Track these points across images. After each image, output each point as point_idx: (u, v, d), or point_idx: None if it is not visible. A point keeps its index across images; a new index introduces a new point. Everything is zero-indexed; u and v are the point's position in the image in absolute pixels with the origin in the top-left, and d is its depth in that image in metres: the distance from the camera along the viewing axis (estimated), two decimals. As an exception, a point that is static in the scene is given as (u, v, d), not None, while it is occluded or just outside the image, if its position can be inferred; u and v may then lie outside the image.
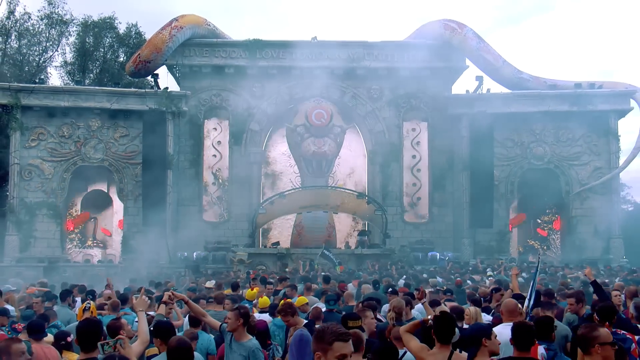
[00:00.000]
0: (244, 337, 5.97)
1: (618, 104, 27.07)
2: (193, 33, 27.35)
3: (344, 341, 3.30)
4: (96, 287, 12.63)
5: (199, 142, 27.97)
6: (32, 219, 25.65)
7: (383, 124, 28.18)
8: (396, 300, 7.50)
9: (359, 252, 24.85)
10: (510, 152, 27.33)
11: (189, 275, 19.30)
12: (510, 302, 6.53)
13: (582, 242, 26.58)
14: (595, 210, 26.76)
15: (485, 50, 27.63)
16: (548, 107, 26.59)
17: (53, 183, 26.00)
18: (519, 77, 27.87)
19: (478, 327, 5.15)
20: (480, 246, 26.88)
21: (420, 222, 28.21)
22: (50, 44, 35.08)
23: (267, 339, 7.15)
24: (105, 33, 36.88)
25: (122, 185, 26.52)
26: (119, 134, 26.55)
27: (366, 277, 15.34)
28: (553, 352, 5.47)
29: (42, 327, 6.24)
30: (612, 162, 27.07)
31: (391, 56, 28.15)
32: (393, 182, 28.21)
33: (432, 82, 27.90)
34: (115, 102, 26.22)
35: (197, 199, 27.61)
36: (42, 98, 25.99)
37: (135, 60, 27.26)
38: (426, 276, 15.88)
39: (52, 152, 26.11)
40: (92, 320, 5.32)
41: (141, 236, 25.88)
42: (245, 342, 5.92)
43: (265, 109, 28.07)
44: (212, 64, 27.81)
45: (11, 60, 33.59)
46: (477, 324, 5.92)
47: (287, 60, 27.92)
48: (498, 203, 27.04)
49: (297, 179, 28.78)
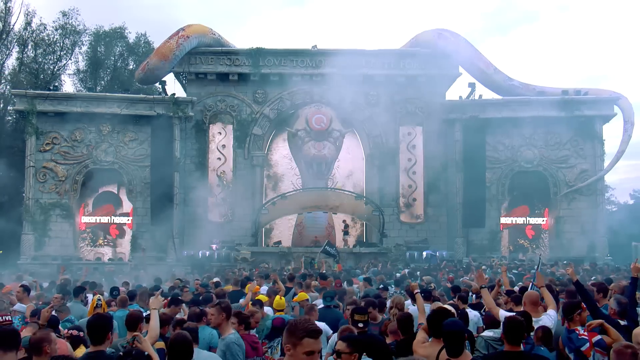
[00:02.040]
0: (225, 332, 5.74)
1: (603, 110, 27.17)
2: (199, 42, 27.38)
3: (314, 338, 3.23)
4: (107, 284, 12.72)
5: (204, 146, 28.00)
6: (46, 219, 25.75)
7: (380, 128, 28.19)
8: (397, 297, 7.58)
9: (357, 251, 24.92)
10: (501, 155, 27.35)
11: (195, 273, 19.30)
12: (532, 294, 6.59)
13: (569, 241, 26.65)
14: (581, 211, 26.86)
15: (477, 58, 27.70)
16: (537, 112, 26.62)
17: (66, 185, 26.07)
18: (509, 84, 27.91)
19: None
20: (473, 245, 26.90)
21: (416, 222, 28.21)
22: (64, 53, 35.25)
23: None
24: (116, 42, 37.01)
25: (132, 187, 26.58)
26: (128, 138, 26.61)
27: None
28: (530, 345, 5.53)
29: (56, 323, 6.30)
30: (597, 165, 27.13)
31: (388, 64, 28.16)
32: (390, 183, 28.21)
33: (427, 88, 27.90)
34: (125, 108, 26.29)
35: (202, 200, 27.58)
36: (56, 104, 26.10)
37: (144, 68, 27.29)
38: (419, 273, 15.91)
39: (65, 155, 26.19)
40: (103, 315, 5.38)
41: (149, 235, 25.96)
42: (224, 337, 5.69)
43: (267, 114, 28.12)
44: (217, 72, 27.84)
45: (27, 69, 33.71)
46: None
47: (288, 67, 27.97)
48: (490, 204, 27.07)
49: (298, 181, 28.81)
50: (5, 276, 15.89)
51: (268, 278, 13.06)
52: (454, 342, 4.36)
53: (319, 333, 3.28)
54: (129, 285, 11.99)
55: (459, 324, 4.74)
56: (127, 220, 27.46)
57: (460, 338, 4.44)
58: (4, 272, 17.90)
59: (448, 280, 13.33)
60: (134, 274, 18.42)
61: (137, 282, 14.09)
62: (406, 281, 13.13)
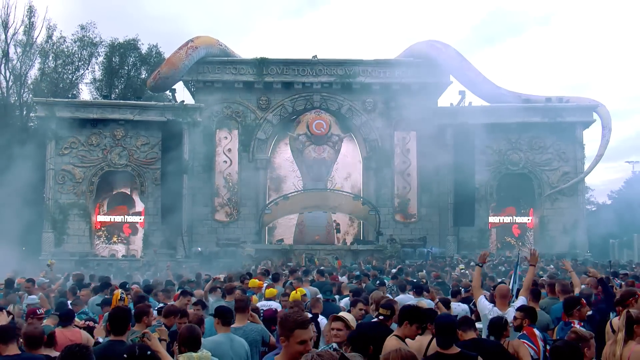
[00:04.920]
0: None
1: (583, 116, 27.27)
2: (207, 52, 27.39)
3: (304, 328, 3.27)
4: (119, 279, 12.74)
5: (211, 150, 27.99)
6: (64, 218, 25.84)
7: (376, 133, 28.19)
8: (375, 293, 7.58)
9: (354, 248, 24.92)
10: (490, 159, 27.36)
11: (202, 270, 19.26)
12: (502, 287, 6.56)
13: (552, 238, 26.68)
14: (563, 210, 26.91)
15: (467, 68, 27.71)
16: (522, 118, 26.65)
17: (83, 186, 26.13)
18: (497, 92, 27.93)
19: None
20: (463, 242, 26.91)
21: (410, 222, 28.19)
22: (81, 63, 35.38)
23: (273, 324, 7.16)
24: (130, 53, 37.04)
25: (143, 188, 26.63)
26: (140, 142, 26.65)
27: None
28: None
29: (70, 315, 6.33)
30: (578, 167, 27.19)
31: (383, 73, 28.16)
32: (385, 185, 28.20)
33: (420, 95, 27.90)
34: (137, 114, 26.36)
35: (209, 200, 27.64)
36: (74, 111, 26.18)
37: (155, 77, 27.33)
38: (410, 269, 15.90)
39: (82, 158, 26.26)
40: (123, 308, 5.44)
41: (160, 233, 25.99)
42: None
43: (270, 119, 28.13)
44: (223, 80, 27.82)
45: (48, 78, 33.85)
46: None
47: (290, 76, 27.97)
48: (479, 204, 27.08)
49: (299, 182, 28.78)
50: (27, 270, 15.88)
51: (269, 275, 13.07)
52: (445, 333, 4.37)
53: (308, 323, 3.33)
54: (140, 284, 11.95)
55: (451, 318, 4.76)
56: (139, 219, 27.52)
57: (451, 330, 4.46)
58: (26, 267, 17.91)
59: (433, 277, 13.19)
60: (145, 270, 18.43)
61: (148, 279, 14.10)
62: (402, 275, 13.17)
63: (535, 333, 5.29)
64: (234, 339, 5.26)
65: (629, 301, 5.78)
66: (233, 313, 5.69)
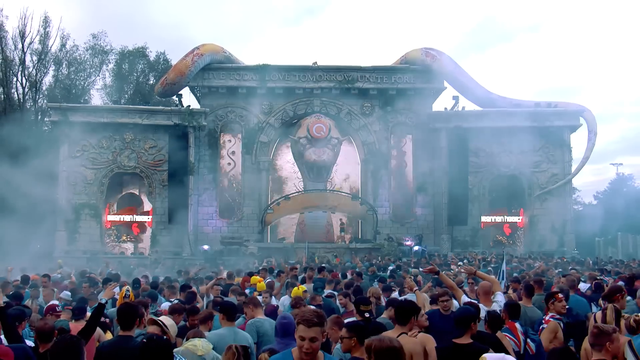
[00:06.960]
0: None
1: (570, 120, 27.37)
2: (212, 59, 27.46)
3: (306, 326, 3.34)
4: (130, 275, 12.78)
5: (216, 152, 28.06)
6: (77, 218, 25.94)
7: (374, 136, 28.25)
8: (373, 288, 7.62)
9: (353, 246, 24.98)
10: (482, 161, 27.41)
11: (205, 266, 19.31)
12: (484, 284, 6.61)
13: (542, 237, 26.78)
14: (551, 210, 26.99)
15: (460, 74, 27.78)
16: (513, 122, 26.67)
17: (94, 187, 26.23)
18: (489, 97, 28.03)
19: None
20: (457, 241, 26.97)
21: (406, 221, 28.26)
22: (93, 70, 35.65)
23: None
24: (138, 60, 37.21)
25: (151, 189, 26.70)
26: (148, 145, 26.73)
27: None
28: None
29: (83, 310, 6.41)
30: (565, 169, 27.30)
31: (380, 78, 28.22)
32: (382, 186, 28.26)
33: (415, 100, 28.02)
34: (145, 119, 26.45)
35: (214, 201, 27.70)
36: (85, 115, 26.26)
37: (162, 83, 27.43)
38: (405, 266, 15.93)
39: (93, 161, 26.34)
40: (131, 304, 5.51)
41: (167, 232, 26.05)
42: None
43: (272, 123, 28.19)
44: (228, 85, 27.89)
45: (62, 85, 34.01)
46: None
47: (291, 81, 28.02)
48: (472, 204, 27.14)
49: (300, 183, 28.83)
50: (41, 266, 15.96)
51: (272, 272, 13.15)
52: (461, 325, 4.46)
53: (311, 323, 3.37)
54: (148, 278, 12.04)
55: (470, 310, 4.78)
56: (148, 218, 27.60)
57: (468, 321, 4.49)
58: (40, 264, 17.98)
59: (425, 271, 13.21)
60: (154, 267, 18.49)
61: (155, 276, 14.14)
62: (399, 272, 13.21)
63: (516, 327, 5.39)
64: (237, 333, 5.37)
65: (616, 297, 5.96)
66: (237, 309, 5.80)
